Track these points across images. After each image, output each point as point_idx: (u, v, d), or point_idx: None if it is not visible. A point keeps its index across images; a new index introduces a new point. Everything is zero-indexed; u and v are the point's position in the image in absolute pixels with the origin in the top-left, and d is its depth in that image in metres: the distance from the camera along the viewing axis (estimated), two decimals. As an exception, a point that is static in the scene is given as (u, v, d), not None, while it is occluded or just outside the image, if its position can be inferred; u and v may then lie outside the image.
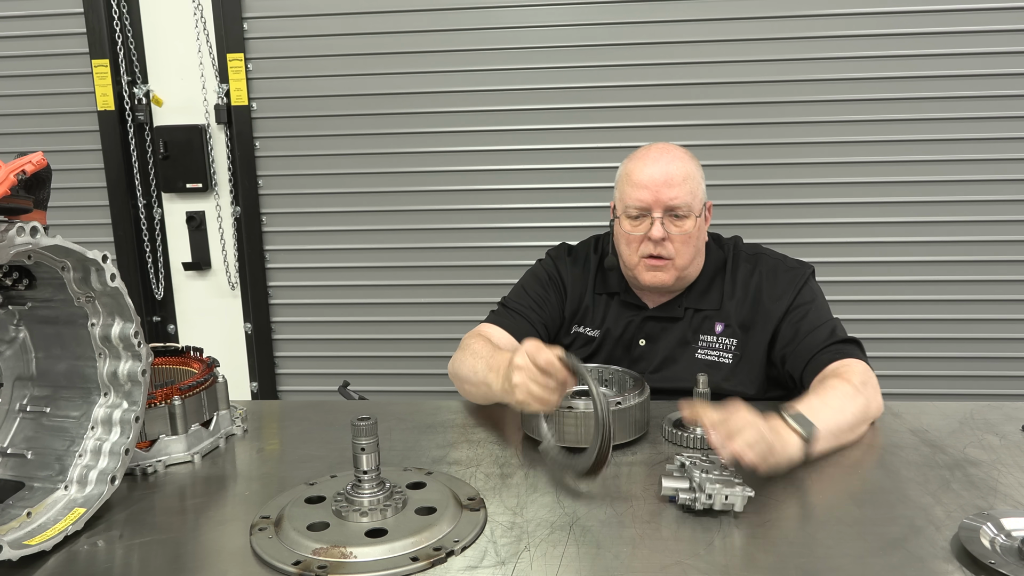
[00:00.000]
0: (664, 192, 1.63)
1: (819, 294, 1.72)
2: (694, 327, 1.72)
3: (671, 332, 1.73)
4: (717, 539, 1.07)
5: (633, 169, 1.67)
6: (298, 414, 1.65)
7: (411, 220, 2.77)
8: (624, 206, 1.68)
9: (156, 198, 2.86)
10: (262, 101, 2.74)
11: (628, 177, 1.68)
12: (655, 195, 1.63)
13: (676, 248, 1.65)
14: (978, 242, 2.59)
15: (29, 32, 2.75)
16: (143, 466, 1.33)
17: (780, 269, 1.72)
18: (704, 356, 1.70)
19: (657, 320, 1.74)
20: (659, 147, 1.70)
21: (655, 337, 1.74)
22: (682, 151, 1.70)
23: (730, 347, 1.69)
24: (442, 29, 2.63)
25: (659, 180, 1.63)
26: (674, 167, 1.65)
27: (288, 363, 2.94)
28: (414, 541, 1.05)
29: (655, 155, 1.68)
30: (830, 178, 2.60)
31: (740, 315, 1.70)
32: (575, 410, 1.34)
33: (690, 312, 1.73)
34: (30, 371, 1.23)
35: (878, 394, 1.48)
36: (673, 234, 1.64)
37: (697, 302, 1.73)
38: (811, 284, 1.72)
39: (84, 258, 1.11)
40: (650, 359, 1.73)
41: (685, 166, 1.66)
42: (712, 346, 1.70)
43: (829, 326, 1.64)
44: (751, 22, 2.53)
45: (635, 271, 1.70)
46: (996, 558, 0.97)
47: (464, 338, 1.72)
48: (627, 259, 1.71)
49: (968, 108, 2.51)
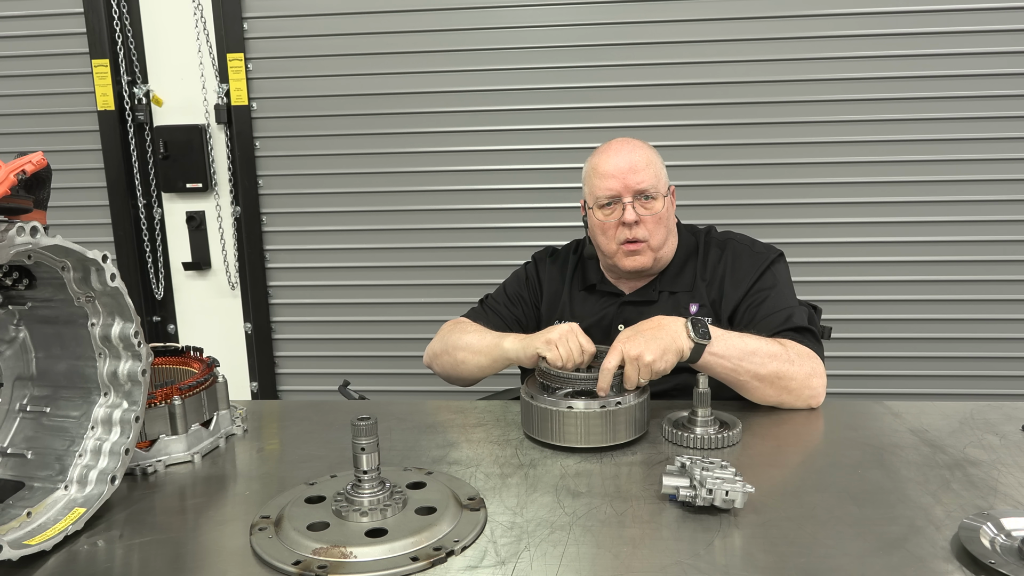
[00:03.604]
0: (631, 178, 1.70)
1: (783, 279, 1.74)
2: (669, 309, 1.75)
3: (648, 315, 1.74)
4: (717, 539, 1.07)
5: (599, 163, 1.75)
6: (298, 414, 1.65)
7: (411, 220, 2.77)
8: (595, 198, 1.75)
9: (156, 198, 2.86)
10: (262, 101, 2.74)
11: (595, 170, 1.75)
12: (623, 182, 1.70)
13: (649, 229, 1.72)
14: (978, 242, 2.59)
15: (29, 32, 2.75)
16: (143, 466, 1.33)
17: (745, 254, 1.77)
18: None
19: (634, 304, 1.79)
20: (620, 140, 1.78)
21: (633, 321, 1.75)
22: (640, 141, 1.78)
23: None
24: (442, 29, 2.63)
25: (624, 168, 1.71)
26: (636, 155, 1.73)
27: (288, 363, 2.94)
28: (414, 541, 1.05)
29: (616, 147, 1.76)
30: (829, 178, 2.60)
31: (710, 297, 1.75)
32: (575, 410, 1.35)
33: (665, 295, 1.78)
34: (30, 371, 1.23)
35: (813, 379, 1.53)
36: (644, 216, 1.71)
37: (671, 285, 1.78)
38: (775, 269, 1.74)
39: (84, 258, 1.11)
40: None
41: (646, 153, 1.74)
42: None
43: (785, 313, 1.66)
44: (747, 22, 2.53)
45: (615, 258, 1.75)
46: (996, 558, 0.97)
47: (443, 326, 1.83)
48: (605, 248, 1.76)
49: (968, 108, 2.52)
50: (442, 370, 1.81)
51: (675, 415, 1.46)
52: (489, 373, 1.72)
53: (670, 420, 1.44)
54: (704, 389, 1.39)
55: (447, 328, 1.82)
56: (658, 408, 1.49)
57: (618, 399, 1.36)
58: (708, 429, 1.39)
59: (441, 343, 1.79)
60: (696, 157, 2.61)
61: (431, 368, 1.85)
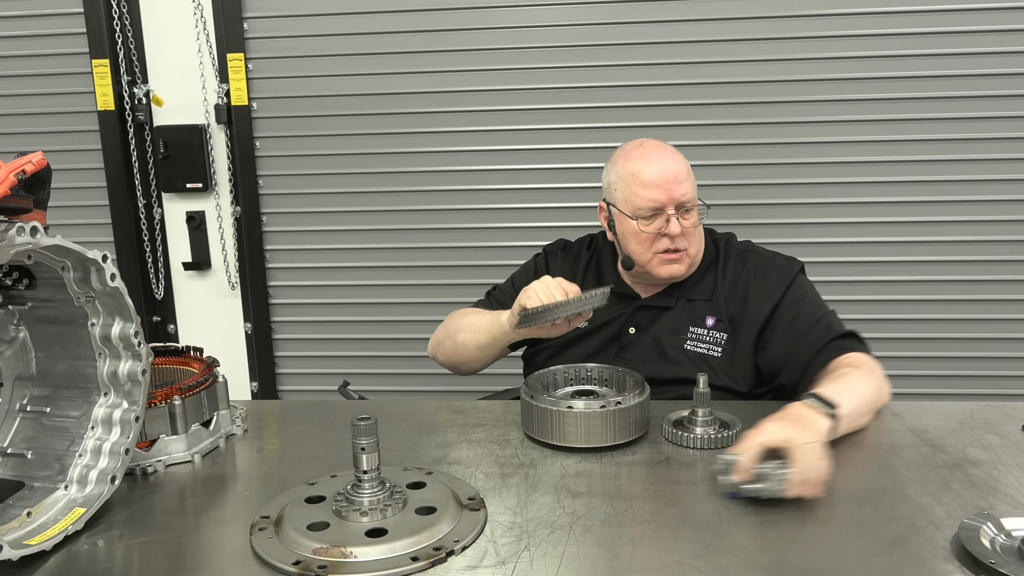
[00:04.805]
0: (676, 189, 1.67)
1: (809, 290, 1.72)
2: (685, 318, 1.73)
3: (661, 321, 1.74)
4: (717, 539, 1.07)
5: (640, 170, 1.69)
6: (298, 414, 1.65)
7: (411, 220, 2.77)
8: (635, 207, 1.69)
9: (156, 198, 2.86)
10: (262, 101, 2.74)
11: (635, 178, 1.69)
12: (668, 193, 1.66)
13: (689, 239, 1.70)
14: (978, 242, 2.59)
15: (29, 32, 2.75)
16: (143, 466, 1.33)
17: (768, 267, 1.74)
18: (694, 348, 1.71)
19: (648, 309, 1.76)
20: (652, 145, 1.73)
21: (644, 326, 1.75)
22: (671, 146, 1.74)
23: (720, 341, 1.70)
24: (442, 29, 2.63)
25: (670, 178, 1.67)
26: (676, 163, 1.69)
27: (288, 363, 2.94)
28: (414, 541, 1.05)
29: (656, 154, 1.70)
30: (828, 178, 2.60)
31: (730, 310, 1.71)
32: (575, 410, 1.35)
33: (682, 302, 1.75)
34: (30, 371, 1.23)
35: (886, 381, 1.51)
36: (685, 227, 1.68)
37: (689, 292, 1.75)
38: (800, 281, 1.72)
39: (84, 258, 1.11)
40: (638, 347, 1.74)
41: (683, 161, 1.72)
42: (702, 339, 1.71)
43: (824, 323, 1.64)
44: (747, 22, 2.53)
45: (648, 266, 1.72)
46: (996, 558, 0.97)
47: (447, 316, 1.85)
48: (639, 256, 1.72)
49: (968, 108, 2.51)
50: (445, 357, 1.81)
51: (675, 415, 1.45)
52: (489, 353, 1.72)
53: (670, 420, 1.44)
54: (704, 389, 1.39)
55: (449, 316, 1.83)
56: (658, 408, 1.49)
57: (618, 399, 1.36)
58: (708, 429, 1.39)
59: (444, 330, 1.81)
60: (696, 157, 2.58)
61: (435, 358, 1.86)
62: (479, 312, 1.78)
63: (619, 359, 1.73)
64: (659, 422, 1.44)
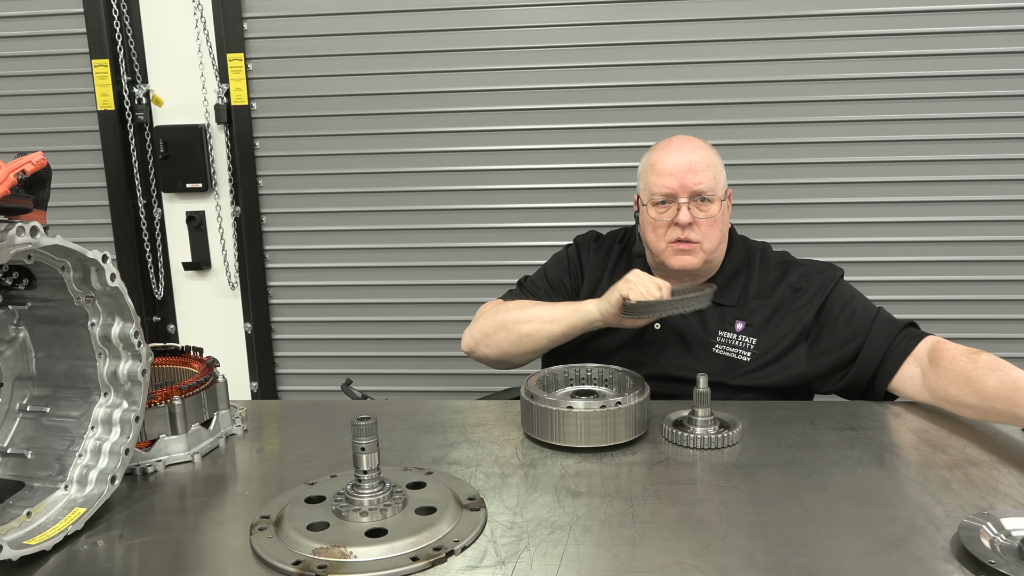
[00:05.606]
0: (689, 178, 1.68)
1: (856, 291, 1.75)
2: (714, 321, 1.73)
3: (688, 320, 1.74)
4: (717, 539, 1.07)
5: (657, 159, 1.73)
6: (298, 414, 1.65)
7: (411, 220, 2.77)
8: (650, 194, 1.72)
9: (156, 198, 2.86)
10: (262, 101, 2.74)
11: (652, 167, 1.73)
12: (680, 181, 1.68)
13: (703, 232, 1.70)
14: (978, 242, 2.59)
15: (29, 32, 2.75)
16: (143, 466, 1.32)
17: (811, 273, 1.75)
18: (722, 352, 1.71)
19: None
20: (680, 138, 1.76)
21: (671, 323, 1.75)
22: (702, 141, 1.76)
23: (749, 346, 1.70)
24: (442, 29, 2.63)
25: (683, 167, 1.69)
26: (696, 155, 1.71)
27: (288, 363, 2.94)
28: (414, 541, 1.05)
29: (677, 145, 1.74)
30: (829, 178, 2.60)
31: (763, 316, 1.71)
32: (575, 410, 1.35)
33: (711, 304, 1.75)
34: (30, 371, 1.23)
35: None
36: (699, 218, 1.69)
37: (718, 296, 1.73)
38: (844, 284, 1.74)
39: (84, 258, 1.11)
40: (662, 343, 1.75)
41: (707, 154, 1.72)
42: (731, 343, 1.71)
43: (884, 317, 1.68)
44: (750, 22, 2.53)
45: (662, 256, 1.73)
46: (996, 558, 0.97)
47: (482, 308, 1.84)
48: (654, 245, 1.74)
49: (969, 108, 2.51)
50: (496, 350, 1.76)
51: (675, 415, 1.45)
52: (559, 342, 1.72)
53: (670, 420, 1.44)
54: (704, 389, 1.39)
55: (489, 309, 1.81)
56: (658, 408, 1.49)
57: (618, 399, 1.36)
58: (708, 429, 1.39)
59: (492, 322, 1.76)
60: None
61: (473, 353, 1.81)
62: (537, 304, 1.76)
63: (643, 354, 1.74)
64: (659, 422, 1.44)
